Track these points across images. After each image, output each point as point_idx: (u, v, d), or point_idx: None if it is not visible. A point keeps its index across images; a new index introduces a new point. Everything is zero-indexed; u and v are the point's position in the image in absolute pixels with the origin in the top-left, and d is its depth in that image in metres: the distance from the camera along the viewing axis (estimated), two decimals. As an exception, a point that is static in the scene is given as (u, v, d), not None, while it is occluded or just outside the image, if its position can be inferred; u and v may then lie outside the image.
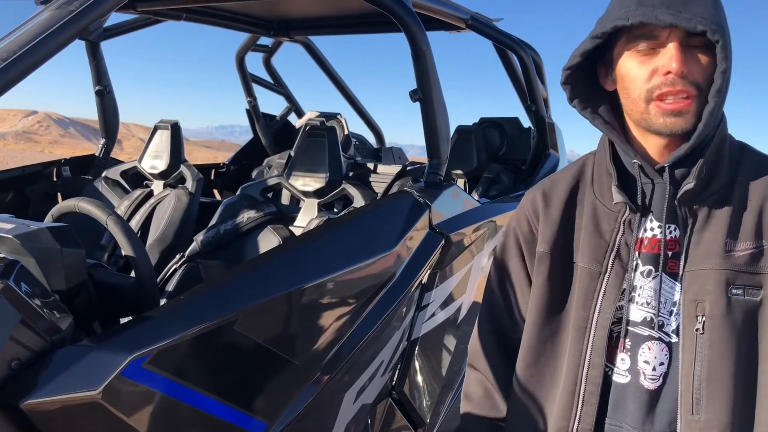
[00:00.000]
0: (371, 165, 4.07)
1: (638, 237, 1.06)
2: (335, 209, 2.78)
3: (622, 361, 1.06)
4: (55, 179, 3.36)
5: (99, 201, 1.64)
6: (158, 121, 3.21)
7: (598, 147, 1.15)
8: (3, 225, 1.30)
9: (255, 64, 4.51)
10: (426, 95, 2.19)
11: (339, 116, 4.64)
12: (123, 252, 1.54)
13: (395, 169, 3.90)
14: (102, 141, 3.47)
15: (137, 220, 2.99)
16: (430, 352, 2.17)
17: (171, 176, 3.11)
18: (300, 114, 4.76)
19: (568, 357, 1.08)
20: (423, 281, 2.02)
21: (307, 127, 2.69)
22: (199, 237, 2.49)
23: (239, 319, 1.38)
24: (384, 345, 1.85)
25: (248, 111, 4.45)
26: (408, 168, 3.91)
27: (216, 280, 1.56)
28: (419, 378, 2.10)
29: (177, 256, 2.53)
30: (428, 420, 2.15)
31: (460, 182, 3.77)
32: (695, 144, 0.99)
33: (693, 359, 0.99)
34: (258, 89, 4.42)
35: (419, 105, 2.21)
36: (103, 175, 3.25)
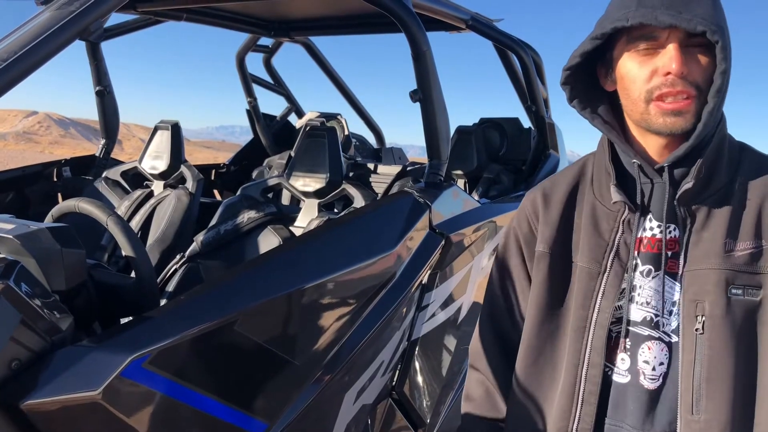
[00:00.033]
0: (371, 165, 4.08)
1: (637, 237, 1.06)
2: (335, 209, 2.78)
3: (622, 361, 1.06)
4: (56, 180, 3.36)
5: (99, 201, 1.64)
6: (158, 122, 3.21)
7: (598, 147, 1.15)
8: (3, 225, 1.30)
9: (255, 65, 4.51)
10: (426, 96, 2.19)
11: (339, 116, 4.64)
12: (123, 252, 1.54)
13: (395, 170, 3.90)
14: (102, 141, 3.47)
15: (137, 221, 2.99)
16: (431, 353, 2.16)
17: (171, 176, 3.11)
18: (300, 114, 4.76)
19: (568, 356, 1.08)
20: (423, 281, 2.02)
21: (308, 128, 2.68)
22: (200, 237, 2.49)
23: (239, 320, 1.38)
24: (384, 345, 1.85)
25: (248, 111, 4.45)
26: (408, 168, 3.91)
27: (216, 281, 1.56)
28: (419, 378, 2.10)
29: (177, 257, 2.53)
30: (428, 420, 2.15)
31: (461, 182, 3.77)
32: (694, 144, 1.00)
33: (693, 359, 0.99)
34: (258, 90, 4.42)
35: (419, 105, 2.21)
36: (104, 176, 3.25)
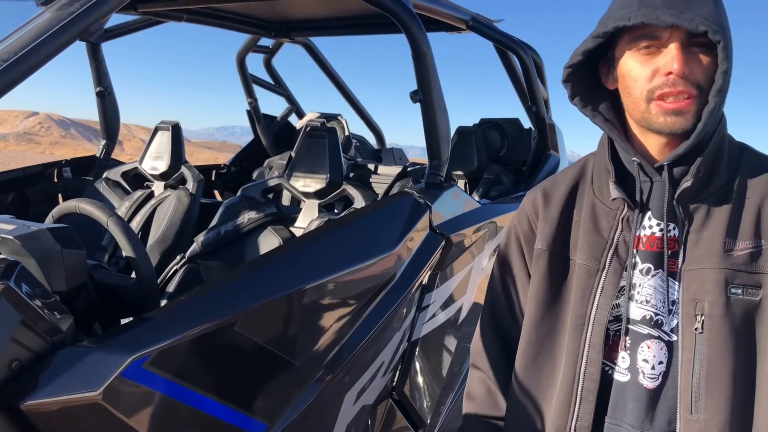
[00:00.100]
0: (372, 166, 4.08)
1: (636, 234, 1.06)
2: (336, 210, 2.78)
3: (623, 360, 1.06)
4: (56, 180, 3.37)
5: (100, 202, 1.64)
6: (159, 122, 3.21)
7: (598, 146, 1.15)
8: (4, 226, 1.30)
9: (256, 65, 4.51)
10: (426, 96, 2.19)
11: (340, 117, 4.64)
12: (123, 253, 1.54)
13: (396, 170, 3.91)
14: (103, 142, 3.47)
15: (138, 221, 2.99)
16: (431, 353, 2.16)
17: (172, 177, 3.11)
18: (300, 115, 4.76)
19: (566, 354, 1.09)
20: (423, 282, 2.02)
21: (308, 128, 2.68)
22: (200, 238, 2.49)
23: (240, 320, 1.38)
24: (384, 346, 1.85)
25: (249, 112, 4.45)
26: (408, 169, 3.92)
27: (216, 281, 1.56)
28: (420, 379, 2.10)
29: (177, 257, 2.53)
30: (429, 421, 2.15)
31: (461, 183, 3.77)
32: (694, 143, 1.00)
33: (692, 358, 0.99)
34: (259, 90, 4.43)
35: (420, 106, 2.22)
36: (104, 176, 3.25)
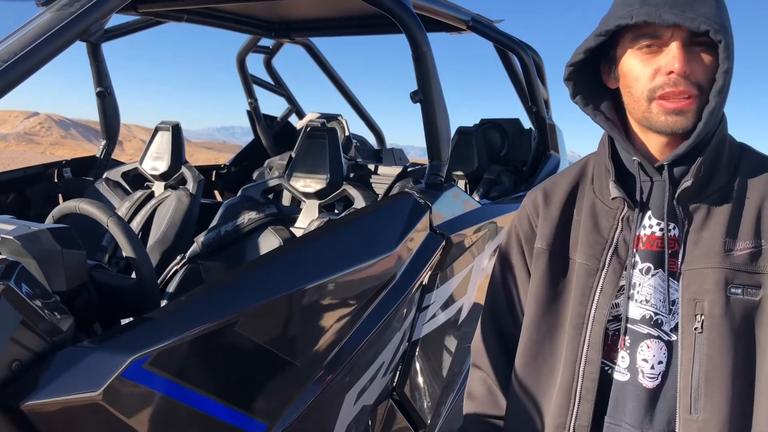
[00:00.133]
0: (372, 166, 4.08)
1: (636, 234, 1.06)
2: (336, 210, 2.78)
3: (622, 359, 1.06)
4: (56, 180, 3.37)
5: (100, 202, 1.64)
6: (159, 123, 3.22)
7: (599, 145, 1.15)
8: (4, 226, 1.30)
9: (256, 66, 4.51)
10: (427, 96, 2.19)
11: (340, 117, 4.64)
12: (124, 253, 1.54)
13: (396, 171, 3.91)
14: (103, 142, 3.47)
15: (138, 222, 2.99)
16: (431, 354, 2.16)
17: (172, 177, 3.12)
18: (301, 115, 4.76)
19: (566, 353, 1.09)
20: (424, 282, 2.02)
21: (308, 129, 2.68)
22: (200, 238, 2.49)
23: (240, 321, 1.38)
24: (385, 346, 1.85)
25: (249, 112, 4.45)
26: (409, 169, 3.92)
27: (217, 282, 1.56)
28: (420, 379, 2.10)
29: (178, 258, 2.53)
30: (429, 421, 2.15)
31: (461, 183, 3.77)
32: (695, 143, 1.00)
33: (691, 358, 0.98)
34: (259, 90, 4.43)
35: (420, 106, 2.22)
36: (104, 177, 3.25)
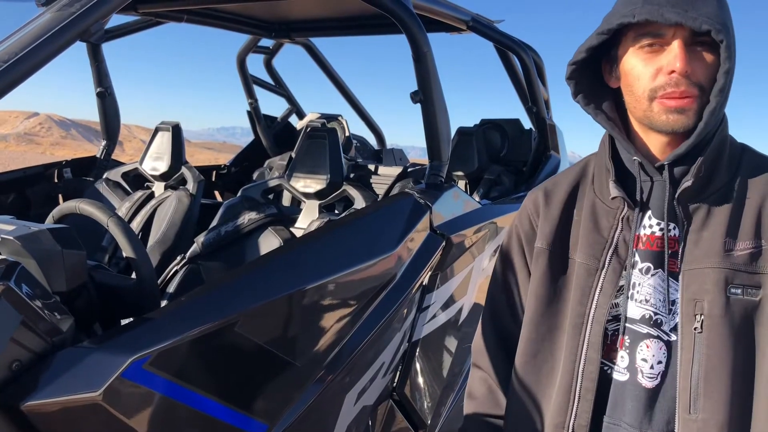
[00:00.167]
0: (372, 166, 4.08)
1: (636, 234, 1.06)
2: (336, 211, 2.78)
3: (622, 359, 1.06)
4: (57, 181, 3.37)
5: (100, 202, 1.64)
6: (159, 123, 3.22)
7: (599, 145, 1.15)
8: (4, 227, 1.30)
9: (256, 66, 4.52)
10: (427, 97, 2.19)
11: (340, 118, 4.64)
12: (124, 253, 1.54)
13: (396, 171, 3.91)
14: (103, 143, 3.47)
15: (138, 222, 2.99)
16: (431, 354, 2.16)
17: (172, 178, 3.12)
18: (301, 115, 4.76)
19: (565, 352, 1.09)
20: (424, 283, 2.01)
21: (308, 129, 2.68)
22: (200, 238, 2.49)
23: (240, 321, 1.38)
24: (385, 346, 1.84)
25: (249, 113, 4.45)
26: (409, 169, 3.92)
27: (217, 282, 1.56)
28: (420, 379, 2.10)
29: (178, 258, 2.53)
30: (429, 421, 2.15)
31: (461, 184, 3.77)
32: (695, 142, 1.00)
33: (691, 358, 0.98)
34: (259, 91, 4.43)
35: (420, 106, 2.22)
36: (104, 177, 3.25)
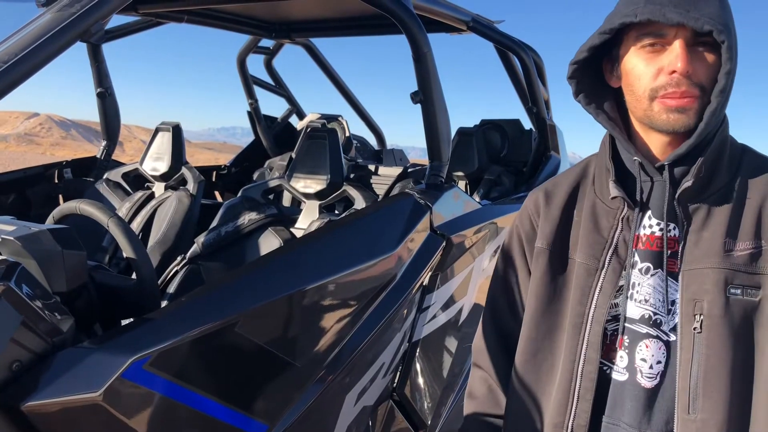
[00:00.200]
0: (372, 167, 4.08)
1: (636, 234, 1.06)
2: (336, 211, 2.78)
3: (621, 359, 1.06)
4: (57, 181, 3.37)
5: (100, 203, 1.64)
6: (159, 123, 3.22)
7: (600, 145, 1.15)
8: (4, 227, 1.30)
9: (256, 67, 4.52)
10: (427, 97, 2.19)
11: (340, 118, 4.64)
12: (124, 254, 1.55)
13: (396, 171, 3.91)
14: (103, 143, 3.47)
15: (138, 222, 2.99)
16: (431, 354, 2.16)
17: (172, 178, 3.12)
18: (301, 116, 4.76)
19: (565, 352, 1.09)
20: (424, 283, 2.01)
21: (309, 129, 2.69)
22: (200, 239, 2.49)
23: (240, 321, 1.38)
24: (385, 347, 1.84)
25: (249, 113, 4.45)
26: (409, 170, 3.92)
27: (217, 282, 1.56)
28: (420, 380, 2.10)
29: (178, 258, 2.53)
30: (429, 422, 2.15)
31: (461, 184, 3.77)
32: (696, 142, 1.00)
33: (690, 358, 0.98)
34: (259, 91, 4.43)
35: (420, 107, 2.22)
36: (105, 177, 3.25)
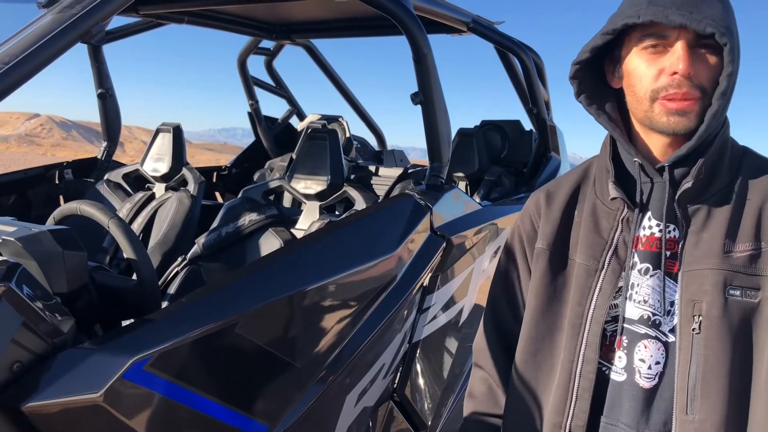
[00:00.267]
0: (373, 168, 4.08)
1: (636, 235, 1.06)
2: (336, 212, 2.78)
3: (619, 359, 1.06)
4: (57, 182, 3.37)
5: (101, 204, 1.65)
6: (160, 124, 3.22)
7: (601, 147, 1.15)
8: (5, 228, 1.31)
9: (257, 68, 4.52)
10: (427, 98, 2.19)
11: (340, 119, 4.65)
12: (125, 255, 1.55)
13: (397, 172, 3.91)
14: (104, 144, 3.48)
15: (139, 223, 2.99)
16: (432, 355, 2.16)
17: (173, 179, 3.12)
18: (301, 117, 4.76)
19: (564, 352, 1.09)
20: (424, 284, 2.02)
21: (309, 130, 2.69)
22: (201, 240, 2.49)
23: (241, 322, 1.38)
24: (385, 348, 1.85)
25: (250, 114, 4.46)
26: (409, 171, 3.92)
27: (217, 283, 1.56)
28: (421, 381, 2.10)
29: (179, 259, 2.53)
30: (430, 422, 2.15)
31: (462, 185, 3.77)
32: (696, 144, 1.00)
33: (689, 359, 0.98)
34: (260, 92, 4.43)
35: (420, 108, 2.22)
36: (105, 178, 3.25)
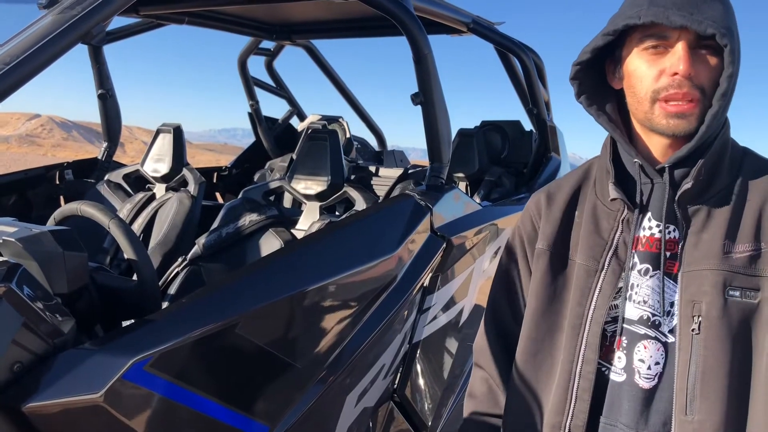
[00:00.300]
0: (373, 168, 4.08)
1: (636, 235, 1.07)
2: (337, 212, 2.78)
3: (619, 360, 1.06)
4: (58, 182, 3.37)
5: (101, 204, 1.65)
6: (161, 125, 3.22)
7: (602, 148, 1.16)
8: (6, 228, 1.31)
9: (257, 68, 4.52)
10: (427, 98, 2.19)
11: (341, 119, 4.65)
12: (125, 255, 1.55)
13: (397, 172, 3.91)
14: (104, 144, 3.48)
15: (139, 224, 2.99)
16: (432, 356, 2.16)
17: (173, 179, 3.12)
18: (302, 117, 4.77)
19: (564, 352, 1.09)
20: (424, 284, 2.02)
21: (309, 131, 2.69)
22: (201, 240, 2.50)
23: (241, 323, 1.38)
24: (385, 348, 1.85)
25: (250, 114, 4.46)
26: (409, 171, 3.92)
27: (218, 284, 1.56)
28: (421, 381, 2.10)
29: (179, 260, 2.54)
30: (430, 423, 2.15)
31: (462, 185, 3.77)
32: (696, 145, 1.00)
33: (688, 359, 0.99)
34: (260, 92, 4.43)
35: (421, 108, 2.22)
36: (106, 179, 3.26)
